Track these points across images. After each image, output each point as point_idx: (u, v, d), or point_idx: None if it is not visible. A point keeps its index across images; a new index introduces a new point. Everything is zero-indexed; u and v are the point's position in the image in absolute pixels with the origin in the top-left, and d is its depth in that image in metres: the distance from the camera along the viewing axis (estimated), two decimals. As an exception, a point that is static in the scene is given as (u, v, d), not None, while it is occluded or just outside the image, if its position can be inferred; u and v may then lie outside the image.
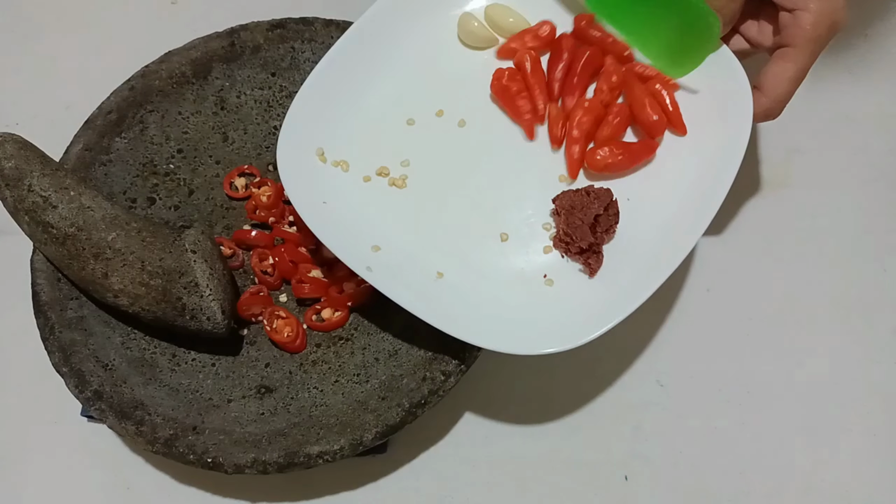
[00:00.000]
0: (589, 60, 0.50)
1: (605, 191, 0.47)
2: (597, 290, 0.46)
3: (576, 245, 0.46)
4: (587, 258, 0.46)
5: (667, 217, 0.47)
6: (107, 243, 0.46)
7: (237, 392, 0.49)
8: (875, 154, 0.60)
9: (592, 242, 0.46)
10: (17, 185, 0.45)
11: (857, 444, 0.51)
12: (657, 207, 0.47)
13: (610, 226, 0.47)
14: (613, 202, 0.47)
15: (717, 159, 0.47)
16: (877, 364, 0.53)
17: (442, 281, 0.47)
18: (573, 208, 0.46)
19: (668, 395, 0.53)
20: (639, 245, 0.47)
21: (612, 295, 0.45)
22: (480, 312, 0.45)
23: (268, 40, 0.55)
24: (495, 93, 0.50)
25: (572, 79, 0.50)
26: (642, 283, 0.44)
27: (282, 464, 0.44)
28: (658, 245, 0.46)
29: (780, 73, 0.47)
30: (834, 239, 0.57)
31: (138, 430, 0.44)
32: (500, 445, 0.51)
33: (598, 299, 0.45)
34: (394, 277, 0.45)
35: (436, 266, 0.47)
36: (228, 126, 0.55)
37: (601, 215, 0.46)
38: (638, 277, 0.45)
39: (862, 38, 0.64)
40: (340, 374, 0.49)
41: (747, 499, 0.50)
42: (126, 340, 0.48)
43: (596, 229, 0.46)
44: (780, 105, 0.47)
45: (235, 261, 0.54)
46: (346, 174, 0.49)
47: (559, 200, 0.47)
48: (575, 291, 0.46)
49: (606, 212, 0.46)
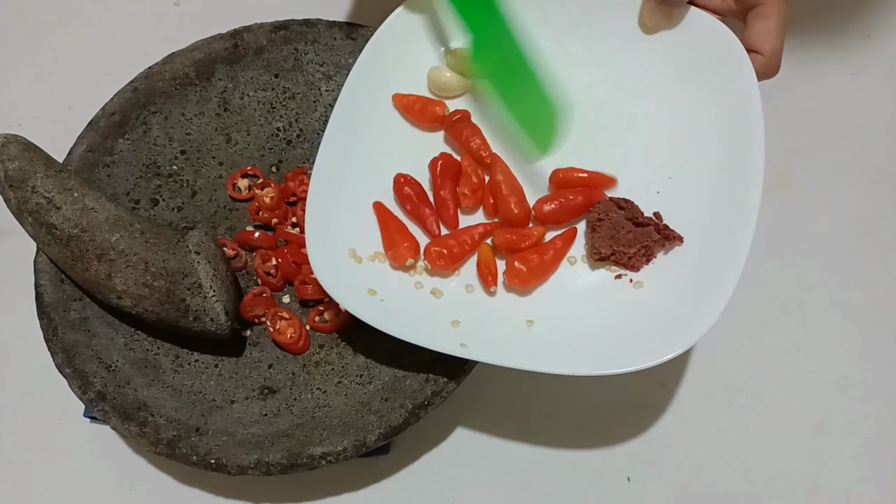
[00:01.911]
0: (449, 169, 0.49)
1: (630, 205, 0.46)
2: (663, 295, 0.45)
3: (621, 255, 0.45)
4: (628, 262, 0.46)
5: (710, 201, 0.45)
6: (110, 244, 0.46)
7: (240, 393, 0.49)
8: (876, 154, 0.60)
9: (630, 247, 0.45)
10: (21, 186, 0.45)
11: (860, 446, 0.51)
12: (696, 195, 0.46)
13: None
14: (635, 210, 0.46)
15: (737, 129, 0.45)
16: (880, 365, 0.53)
17: (534, 328, 0.45)
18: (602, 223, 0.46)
19: (670, 397, 0.53)
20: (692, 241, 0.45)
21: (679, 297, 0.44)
22: (574, 345, 0.44)
23: (271, 42, 0.55)
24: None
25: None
26: (716, 280, 0.43)
27: (285, 465, 0.44)
28: (714, 226, 0.45)
29: (764, 30, 0.46)
30: (835, 239, 0.57)
31: (141, 431, 0.44)
32: (503, 447, 0.51)
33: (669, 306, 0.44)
34: (490, 344, 0.44)
35: (524, 315, 0.46)
36: (232, 127, 0.55)
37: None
38: (707, 277, 0.43)
39: (863, 39, 0.64)
40: (343, 375, 0.49)
41: (750, 500, 0.50)
42: (129, 342, 0.48)
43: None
44: (775, 60, 0.47)
45: (238, 262, 0.54)
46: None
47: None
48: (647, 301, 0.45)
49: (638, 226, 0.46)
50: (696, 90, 0.48)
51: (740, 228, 0.43)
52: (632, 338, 0.43)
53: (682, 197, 0.47)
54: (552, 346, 0.44)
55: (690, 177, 0.47)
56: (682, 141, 0.48)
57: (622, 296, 0.45)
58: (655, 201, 0.47)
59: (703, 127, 0.47)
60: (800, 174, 0.59)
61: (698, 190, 0.46)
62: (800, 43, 0.64)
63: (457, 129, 0.50)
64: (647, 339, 0.42)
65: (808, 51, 0.63)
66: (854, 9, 0.65)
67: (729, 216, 0.44)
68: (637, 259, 0.45)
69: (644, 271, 0.46)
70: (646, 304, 0.44)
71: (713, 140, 0.46)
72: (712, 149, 0.46)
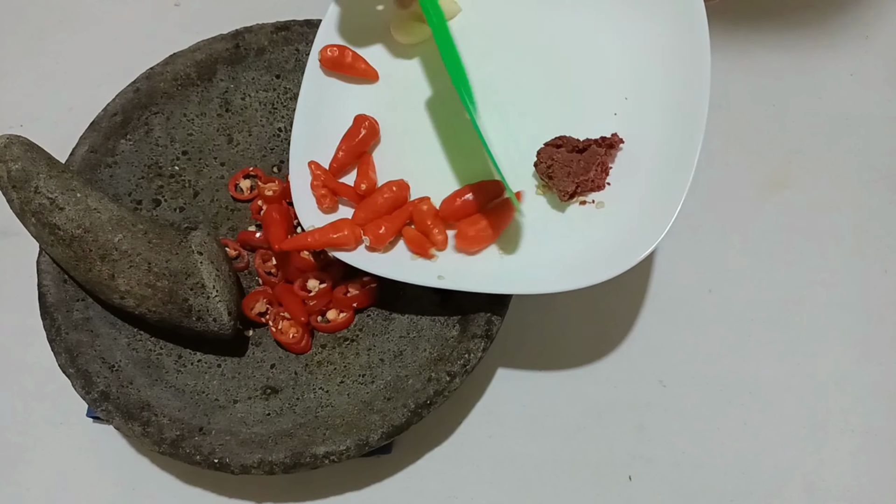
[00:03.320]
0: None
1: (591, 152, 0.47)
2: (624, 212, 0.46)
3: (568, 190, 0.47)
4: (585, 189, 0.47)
5: (665, 109, 0.47)
6: (113, 245, 0.46)
7: (243, 393, 0.49)
8: (875, 155, 0.60)
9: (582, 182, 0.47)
10: (24, 186, 0.45)
11: (859, 445, 0.51)
12: (651, 113, 0.48)
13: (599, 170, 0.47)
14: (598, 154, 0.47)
15: (684, 45, 0.47)
16: (878, 364, 0.54)
17: (505, 258, 0.47)
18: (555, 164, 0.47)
19: (670, 396, 0.53)
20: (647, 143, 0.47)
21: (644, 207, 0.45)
22: (549, 267, 0.46)
23: (272, 42, 0.55)
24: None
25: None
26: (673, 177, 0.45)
27: (288, 464, 0.44)
28: (667, 134, 0.46)
29: None
30: (834, 240, 0.57)
31: (145, 430, 0.45)
32: (504, 446, 0.52)
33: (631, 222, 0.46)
34: (465, 277, 0.46)
35: (496, 250, 0.48)
36: (233, 128, 0.56)
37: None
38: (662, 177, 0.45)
39: (862, 39, 0.64)
40: (346, 374, 0.49)
41: (749, 498, 0.50)
42: (132, 342, 0.49)
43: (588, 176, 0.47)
44: None
45: (240, 262, 0.54)
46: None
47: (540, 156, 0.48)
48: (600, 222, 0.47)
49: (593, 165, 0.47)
50: (643, 10, 0.49)
51: (689, 135, 0.45)
52: (602, 252, 0.45)
53: (637, 116, 0.48)
54: (527, 271, 0.46)
55: (644, 96, 0.48)
56: (636, 62, 0.49)
57: (588, 219, 0.47)
58: (614, 123, 0.48)
59: (653, 46, 0.48)
60: (798, 174, 0.60)
61: (653, 108, 0.48)
62: (798, 43, 0.64)
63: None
64: (614, 252, 0.45)
65: (805, 51, 0.64)
66: (852, 10, 0.66)
67: (680, 128, 0.46)
68: (598, 178, 0.47)
69: (606, 192, 0.47)
70: (611, 220, 0.46)
71: (663, 57, 0.48)
72: (663, 67, 0.48)
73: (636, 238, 0.44)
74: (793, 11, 0.65)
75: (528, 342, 0.55)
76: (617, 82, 0.49)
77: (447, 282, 0.46)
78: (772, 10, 0.65)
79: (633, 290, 0.56)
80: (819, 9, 0.65)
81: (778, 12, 0.65)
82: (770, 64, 0.63)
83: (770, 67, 0.63)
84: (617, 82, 0.49)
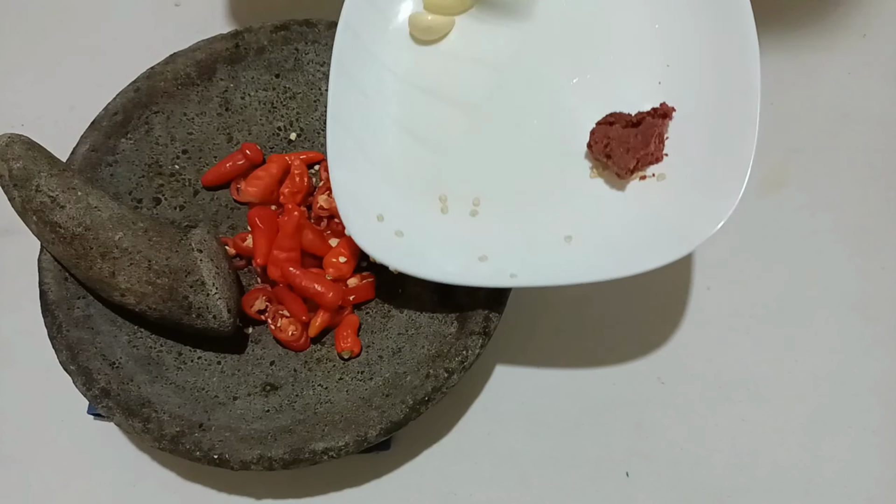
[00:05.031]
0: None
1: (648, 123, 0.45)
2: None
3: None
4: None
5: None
6: (114, 243, 0.46)
7: (243, 389, 0.49)
8: (874, 154, 0.60)
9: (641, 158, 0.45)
10: (26, 185, 0.45)
11: (857, 442, 0.52)
12: (697, 76, 0.46)
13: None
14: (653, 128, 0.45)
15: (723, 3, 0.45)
16: (876, 362, 0.54)
17: (571, 243, 0.45)
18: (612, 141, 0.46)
19: (669, 393, 0.53)
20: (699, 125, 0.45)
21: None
22: (615, 250, 0.44)
23: (272, 42, 0.55)
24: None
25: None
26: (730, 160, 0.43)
27: (287, 460, 0.44)
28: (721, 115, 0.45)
29: None
30: (833, 238, 0.58)
31: (145, 427, 0.45)
32: (503, 442, 0.52)
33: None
34: (538, 271, 0.44)
35: (562, 231, 0.46)
36: (233, 127, 0.56)
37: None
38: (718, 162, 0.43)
39: (859, 38, 0.64)
40: (344, 371, 0.50)
41: (748, 495, 0.50)
42: (133, 339, 0.49)
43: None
44: None
45: (240, 260, 0.54)
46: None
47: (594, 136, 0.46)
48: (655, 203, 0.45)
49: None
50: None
51: (745, 85, 0.44)
52: (673, 227, 0.43)
53: (683, 81, 0.46)
54: (593, 256, 0.44)
55: (686, 59, 0.46)
56: (669, 26, 0.47)
57: (651, 194, 0.45)
58: (660, 92, 0.47)
59: (689, 8, 0.47)
60: (796, 172, 0.60)
61: (698, 69, 0.46)
62: (796, 42, 0.64)
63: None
64: (687, 223, 0.43)
65: (804, 50, 0.64)
66: (850, 8, 0.66)
67: (731, 81, 0.44)
68: (658, 150, 0.45)
69: (664, 163, 0.45)
70: (676, 191, 0.44)
71: (697, 14, 0.46)
72: (700, 24, 0.46)
73: (710, 203, 0.42)
74: (791, 9, 0.66)
75: (527, 339, 0.55)
76: (654, 51, 0.47)
77: (520, 279, 0.44)
78: (769, 9, 0.65)
79: (632, 287, 0.56)
80: (817, 7, 0.65)
81: (776, 10, 0.65)
82: (768, 62, 0.63)
83: (768, 66, 0.63)
84: (654, 51, 0.47)
